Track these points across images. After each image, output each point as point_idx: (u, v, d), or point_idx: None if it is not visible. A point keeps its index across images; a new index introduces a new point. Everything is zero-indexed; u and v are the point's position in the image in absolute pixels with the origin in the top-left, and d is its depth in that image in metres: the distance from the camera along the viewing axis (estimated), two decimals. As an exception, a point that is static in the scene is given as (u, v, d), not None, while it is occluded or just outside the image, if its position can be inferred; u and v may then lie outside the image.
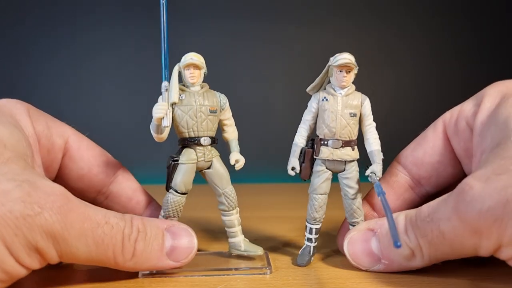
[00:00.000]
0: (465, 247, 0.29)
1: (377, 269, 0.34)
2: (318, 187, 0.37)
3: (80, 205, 0.29)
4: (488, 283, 0.32)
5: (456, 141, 0.36)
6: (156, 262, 0.32)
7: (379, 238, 0.33)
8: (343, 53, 0.35)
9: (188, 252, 0.33)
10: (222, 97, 0.37)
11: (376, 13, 0.97)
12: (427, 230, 0.30)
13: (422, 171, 0.38)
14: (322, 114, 0.37)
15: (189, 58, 0.35)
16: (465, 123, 0.35)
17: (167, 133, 0.34)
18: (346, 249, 0.35)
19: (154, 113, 0.32)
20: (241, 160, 0.37)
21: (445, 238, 0.29)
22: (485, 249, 0.28)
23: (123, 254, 0.30)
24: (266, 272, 0.35)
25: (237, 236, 0.38)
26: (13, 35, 0.91)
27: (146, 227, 0.31)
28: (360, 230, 0.35)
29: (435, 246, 0.30)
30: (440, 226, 0.29)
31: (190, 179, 0.36)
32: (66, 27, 0.93)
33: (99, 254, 0.29)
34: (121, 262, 0.30)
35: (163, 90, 0.33)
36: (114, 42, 0.94)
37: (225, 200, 0.37)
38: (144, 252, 0.31)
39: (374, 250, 0.33)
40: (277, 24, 0.95)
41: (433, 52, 0.98)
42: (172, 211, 0.36)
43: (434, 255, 0.31)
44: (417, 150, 0.38)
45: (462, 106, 0.36)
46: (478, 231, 0.27)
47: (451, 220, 0.28)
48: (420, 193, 0.39)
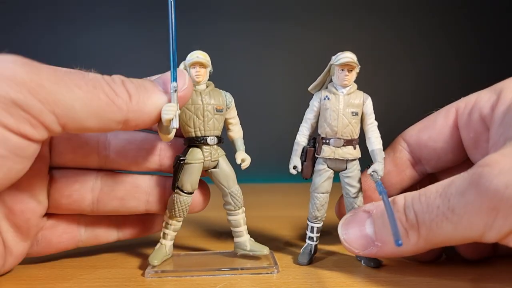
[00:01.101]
0: (472, 228, 0.27)
1: (369, 253, 0.33)
2: (320, 186, 0.37)
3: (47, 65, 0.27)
4: (488, 283, 0.32)
5: (466, 131, 0.36)
6: (157, 97, 0.31)
7: (374, 219, 0.33)
8: (345, 52, 0.35)
9: (183, 76, 0.32)
10: (228, 96, 0.37)
11: (376, 12, 0.97)
12: (433, 206, 0.28)
13: (424, 153, 0.39)
14: (324, 113, 0.37)
15: (195, 56, 0.35)
16: (478, 116, 0.35)
17: (174, 133, 0.34)
18: (340, 230, 0.34)
19: (163, 114, 0.31)
20: (247, 159, 0.38)
21: (454, 214, 0.27)
22: (495, 231, 0.26)
23: (118, 95, 0.29)
24: (273, 272, 0.35)
25: (243, 236, 0.38)
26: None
27: (130, 79, 0.31)
28: (356, 213, 0.35)
29: (437, 225, 0.28)
30: (451, 201, 0.27)
31: (196, 179, 0.36)
32: (68, 25, 0.93)
33: (94, 101, 0.27)
34: (124, 105, 0.29)
35: (172, 91, 0.32)
36: (121, 42, 0.94)
37: (231, 199, 0.37)
38: (139, 91, 0.30)
39: (367, 231, 0.33)
40: (280, 24, 0.95)
41: (432, 52, 0.98)
42: (178, 211, 0.36)
43: (431, 237, 0.29)
44: (423, 132, 0.39)
45: (477, 97, 0.36)
46: (496, 208, 0.26)
47: (466, 195, 0.27)
48: (420, 171, 0.40)
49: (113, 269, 0.36)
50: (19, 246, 0.33)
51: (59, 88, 0.26)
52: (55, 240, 0.36)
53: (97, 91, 0.28)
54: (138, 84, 0.31)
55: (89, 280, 0.33)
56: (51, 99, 0.25)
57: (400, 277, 0.33)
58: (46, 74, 0.25)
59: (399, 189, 0.40)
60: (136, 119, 0.30)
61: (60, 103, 0.26)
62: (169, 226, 0.37)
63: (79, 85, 0.27)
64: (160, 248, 0.37)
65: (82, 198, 0.36)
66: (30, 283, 0.33)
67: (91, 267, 0.37)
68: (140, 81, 0.31)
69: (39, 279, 0.33)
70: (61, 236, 0.37)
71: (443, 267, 0.34)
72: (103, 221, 0.38)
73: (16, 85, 0.24)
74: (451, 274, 0.34)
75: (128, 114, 0.29)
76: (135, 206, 0.37)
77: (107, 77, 0.30)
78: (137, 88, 0.30)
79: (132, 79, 0.31)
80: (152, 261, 0.35)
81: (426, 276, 0.33)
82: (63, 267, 0.37)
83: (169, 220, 0.37)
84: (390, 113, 0.66)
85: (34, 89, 0.25)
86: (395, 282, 0.32)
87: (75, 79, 0.27)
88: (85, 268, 0.36)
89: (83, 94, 0.27)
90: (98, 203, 0.36)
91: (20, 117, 0.25)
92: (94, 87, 0.28)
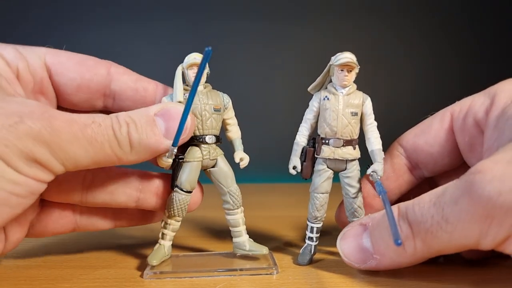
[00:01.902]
0: (467, 236, 0.27)
1: (369, 266, 0.33)
2: (319, 186, 0.37)
3: (61, 112, 0.29)
4: (488, 284, 0.32)
5: (462, 136, 0.36)
6: (157, 146, 0.32)
7: (370, 231, 0.33)
8: (345, 52, 0.35)
9: (185, 128, 0.33)
10: (226, 97, 0.38)
11: (376, 13, 0.97)
12: (427, 216, 0.28)
13: (421, 158, 0.39)
14: (323, 113, 0.37)
15: (192, 58, 0.35)
16: (473, 120, 0.35)
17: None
18: (339, 245, 0.34)
19: (160, 164, 0.34)
20: (246, 158, 0.38)
21: (448, 223, 0.27)
22: (490, 238, 0.26)
23: (121, 147, 0.31)
24: (273, 273, 0.35)
25: (242, 236, 0.38)
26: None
27: (134, 119, 0.32)
28: (353, 226, 0.35)
29: (432, 235, 0.28)
30: (445, 210, 0.27)
31: (195, 177, 0.36)
32: (68, 25, 0.93)
33: (98, 153, 0.30)
34: (123, 156, 0.31)
35: (169, 152, 0.33)
36: (121, 42, 0.94)
37: (230, 199, 0.37)
38: (141, 141, 0.31)
39: (365, 245, 0.33)
40: (278, 24, 0.95)
41: (432, 52, 0.98)
42: (177, 210, 0.36)
43: (428, 247, 0.29)
44: (420, 137, 0.39)
45: (472, 101, 0.36)
46: (490, 215, 0.25)
47: (459, 203, 0.27)
48: (417, 175, 0.40)
49: (113, 270, 0.36)
50: (15, 231, 0.34)
51: (73, 148, 0.29)
52: (52, 224, 0.37)
53: (104, 145, 0.30)
54: (141, 132, 0.32)
55: (88, 280, 0.33)
56: (66, 157, 0.29)
57: (399, 277, 0.33)
58: (65, 134, 0.28)
59: (398, 194, 0.40)
60: (130, 161, 0.32)
61: (72, 159, 0.29)
62: (168, 226, 0.37)
63: (91, 141, 0.29)
64: (159, 248, 0.37)
65: (72, 189, 0.36)
66: (30, 283, 0.33)
67: (90, 267, 0.37)
68: (145, 126, 0.32)
69: (39, 279, 0.33)
70: (57, 221, 0.37)
71: (443, 268, 0.34)
72: (99, 208, 0.38)
73: (39, 145, 0.27)
74: (451, 274, 0.34)
75: (125, 162, 0.32)
76: (125, 201, 0.37)
77: (115, 124, 0.31)
78: (139, 141, 0.31)
79: (138, 124, 0.32)
80: (151, 261, 0.35)
81: (426, 276, 0.33)
82: (63, 267, 0.37)
83: (168, 220, 0.37)
84: (390, 113, 0.66)
85: (54, 150, 0.28)
86: (394, 282, 0.32)
87: (88, 134, 0.29)
88: (84, 268, 0.36)
89: (92, 151, 0.30)
90: (88, 195, 0.36)
91: (38, 168, 0.28)
92: (103, 140, 0.30)
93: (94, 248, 0.41)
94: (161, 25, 0.92)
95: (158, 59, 0.92)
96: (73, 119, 0.29)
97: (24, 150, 0.27)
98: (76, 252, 0.40)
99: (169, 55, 0.64)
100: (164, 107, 0.33)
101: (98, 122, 0.30)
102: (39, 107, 0.28)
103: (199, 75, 0.30)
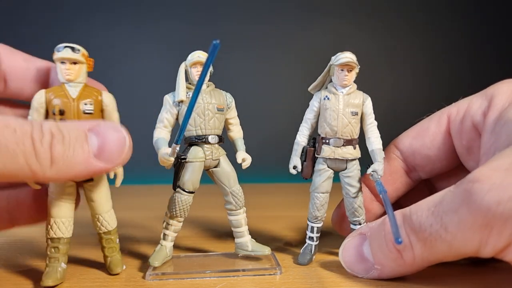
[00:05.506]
0: (467, 245, 0.27)
1: (372, 276, 0.33)
2: (320, 185, 0.37)
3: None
4: (488, 285, 0.32)
5: (459, 139, 0.36)
6: (85, 166, 0.28)
7: (370, 241, 0.33)
8: (345, 52, 0.36)
9: (120, 150, 0.29)
10: (229, 96, 0.37)
11: (376, 13, 0.97)
12: (425, 225, 0.28)
13: (418, 160, 0.39)
14: (323, 113, 0.37)
15: (196, 56, 0.35)
16: (470, 123, 0.35)
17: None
18: (341, 257, 0.34)
19: (162, 163, 0.34)
20: (248, 159, 0.38)
21: (447, 232, 0.27)
22: (490, 247, 0.26)
23: (38, 161, 0.26)
24: (277, 273, 0.34)
25: (244, 236, 0.38)
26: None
27: (63, 130, 0.27)
28: (353, 237, 0.34)
29: (431, 244, 0.28)
30: (443, 219, 0.27)
31: (197, 178, 0.36)
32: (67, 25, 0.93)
33: (8, 163, 0.25)
34: (39, 171, 0.26)
35: (171, 151, 0.33)
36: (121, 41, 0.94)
37: (232, 199, 0.37)
38: (66, 157, 0.27)
39: (366, 255, 0.33)
40: (279, 25, 0.95)
41: (432, 52, 0.99)
42: (179, 211, 0.36)
43: (427, 256, 0.29)
44: (417, 140, 0.39)
45: (469, 103, 0.36)
46: (489, 224, 0.25)
47: (458, 212, 0.26)
48: (414, 177, 0.40)
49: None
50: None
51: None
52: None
53: (17, 155, 0.25)
54: (67, 147, 0.27)
55: (89, 280, 0.33)
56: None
57: (400, 278, 0.33)
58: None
59: (395, 197, 0.40)
60: (47, 178, 0.27)
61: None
62: (170, 226, 0.37)
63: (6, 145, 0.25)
64: (160, 249, 0.36)
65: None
66: (30, 283, 0.33)
67: (91, 267, 0.36)
68: (73, 141, 0.27)
69: (39, 279, 0.33)
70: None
71: (443, 269, 0.34)
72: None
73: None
74: (451, 275, 0.34)
75: (41, 179, 0.27)
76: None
77: (36, 132, 0.26)
78: (63, 154, 0.27)
79: (66, 136, 0.27)
80: (152, 262, 0.35)
81: (426, 277, 0.33)
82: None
83: (169, 221, 0.37)
84: (390, 113, 0.66)
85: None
86: (395, 283, 0.32)
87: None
88: (85, 268, 0.36)
89: (4, 159, 0.25)
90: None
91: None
92: (15, 149, 0.25)
93: (95, 248, 0.40)
94: (162, 25, 0.92)
95: (158, 59, 0.92)
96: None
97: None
98: (77, 251, 0.40)
99: (169, 55, 0.64)
100: (102, 124, 0.29)
101: (12, 127, 0.25)
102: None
103: (205, 70, 0.27)
